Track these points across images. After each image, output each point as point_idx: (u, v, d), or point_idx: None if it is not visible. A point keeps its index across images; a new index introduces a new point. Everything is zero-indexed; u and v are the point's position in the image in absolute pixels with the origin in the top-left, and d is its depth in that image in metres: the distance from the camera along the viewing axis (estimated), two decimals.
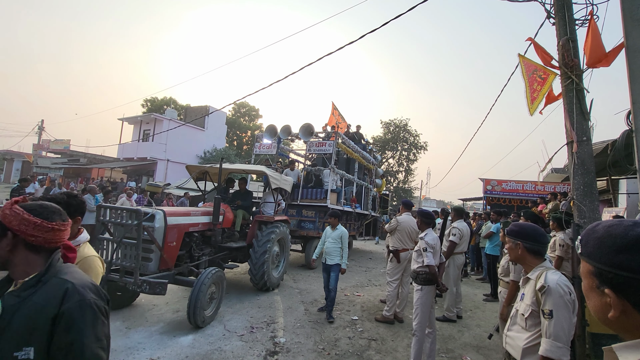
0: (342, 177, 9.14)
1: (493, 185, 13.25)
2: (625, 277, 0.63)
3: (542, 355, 1.48)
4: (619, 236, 0.66)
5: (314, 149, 8.62)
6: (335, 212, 4.72)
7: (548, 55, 4.06)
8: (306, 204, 8.08)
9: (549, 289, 1.54)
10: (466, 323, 4.85)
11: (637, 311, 0.63)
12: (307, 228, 7.98)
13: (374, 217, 11.86)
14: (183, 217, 4.48)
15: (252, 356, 3.37)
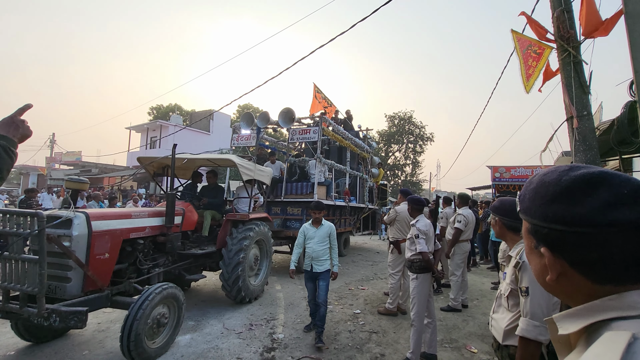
0: (331, 167, 8.24)
1: (501, 172, 12.94)
2: (559, 232, 0.52)
3: (520, 336, 1.38)
4: (551, 184, 0.55)
5: (297, 137, 7.68)
6: (319, 205, 3.75)
7: (542, 28, 3.89)
8: (291, 200, 7.18)
9: (525, 265, 1.43)
10: (471, 312, 4.72)
11: (577, 271, 0.52)
12: (294, 227, 7.06)
13: (371, 209, 10.91)
14: (119, 221, 3.43)
15: (249, 353, 3.33)
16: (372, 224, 11.75)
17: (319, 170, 7.28)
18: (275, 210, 7.29)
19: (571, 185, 0.52)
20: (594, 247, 0.50)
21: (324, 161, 7.58)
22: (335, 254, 3.78)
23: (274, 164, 7.82)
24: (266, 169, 5.72)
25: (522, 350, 1.41)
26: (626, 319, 0.47)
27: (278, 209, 7.29)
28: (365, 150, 10.21)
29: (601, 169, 0.54)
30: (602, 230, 0.49)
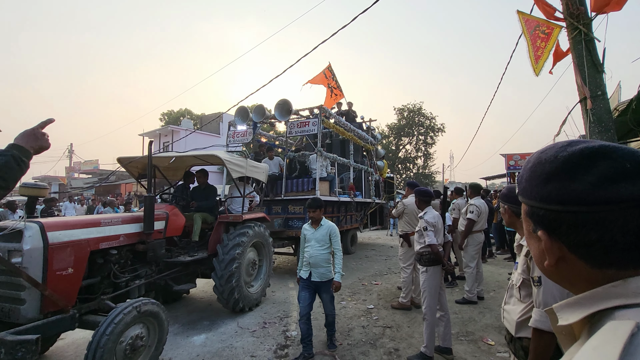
0: (333, 161, 7.76)
1: (516, 160, 12.57)
2: (555, 212, 0.48)
3: (533, 327, 1.32)
4: (548, 161, 0.50)
5: (296, 131, 7.09)
6: (315, 202, 3.29)
7: (550, 7, 3.72)
8: (292, 198, 6.74)
9: None
10: (488, 304, 4.61)
11: (576, 256, 0.48)
12: (296, 227, 6.64)
13: (378, 204, 10.48)
14: (84, 230, 2.95)
15: (263, 351, 3.35)
16: (380, 219, 11.26)
17: (320, 164, 6.83)
18: (276, 209, 6.91)
19: (567, 161, 0.48)
20: (593, 228, 0.45)
21: (325, 155, 7.13)
22: (339, 260, 3.25)
23: (273, 160, 7.33)
24: (261, 165, 5.30)
25: (536, 342, 1.35)
26: (630, 308, 0.43)
27: (279, 207, 6.90)
28: (369, 142, 9.75)
29: (603, 142, 0.48)
30: (601, 208, 0.44)
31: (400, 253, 4.72)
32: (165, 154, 4.55)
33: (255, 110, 7.28)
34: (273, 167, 7.13)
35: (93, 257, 3.07)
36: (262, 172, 5.26)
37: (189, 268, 4.25)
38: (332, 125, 7.49)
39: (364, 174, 9.35)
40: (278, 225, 6.65)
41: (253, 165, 4.96)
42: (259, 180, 5.33)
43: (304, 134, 7.19)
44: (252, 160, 5.14)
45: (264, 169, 5.36)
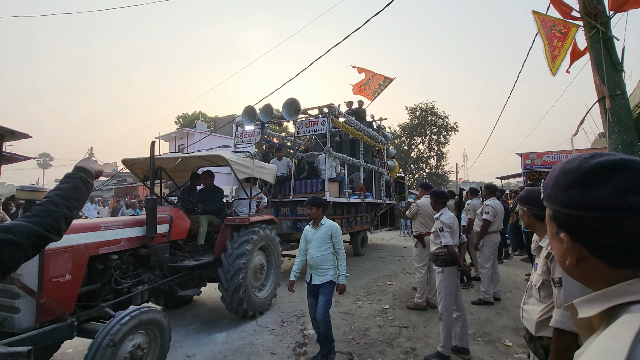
0: (343, 161, 7.54)
1: (532, 159, 12.36)
2: (576, 217, 0.54)
3: (554, 327, 1.36)
4: (571, 171, 0.57)
5: (304, 130, 6.93)
6: (314, 199, 3.20)
7: (567, 6, 3.70)
8: (301, 200, 6.47)
9: None
10: (505, 305, 4.59)
11: (595, 257, 0.54)
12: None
13: (389, 205, 10.22)
14: (83, 234, 2.83)
15: (282, 348, 3.45)
16: (391, 219, 11.03)
17: (330, 165, 6.64)
18: (285, 211, 6.74)
19: (589, 172, 0.54)
20: (610, 232, 0.51)
21: (334, 155, 6.92)
22: (342, 261, 3.09)
23: (281, 160, 7.20)
24: (268, 166, 5.14)
25: (557, 341, 1.39)
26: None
27: (287, 209, 6.72)
28: (380, 141, 9.49)
29: (624, 156, 0.55)
30: (618, 215, 0.50)
31: (415, 253, 4.75)
32: (170, 155, 4.45)
33: (263, 110, 7.06)
34: (281, 167, 7.00)
35: (93, 262, 2.93)
36: (270, 173, 5.07)
37: (194, 273, 4.11)
38: (341, 124, 7.33)
39: (374, 174, 9.18)
40: (286, 227, 6.43)
41: (260, 166, 4.80)
42: (267, 181, 5.16)
43: (312, 134, 7.02)
44: (259, 160, 5.00)
45: (272, 169, 5.19)
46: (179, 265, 3.83)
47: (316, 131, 6.81)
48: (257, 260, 4.43)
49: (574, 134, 4.18)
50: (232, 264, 3.94)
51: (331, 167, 6.76)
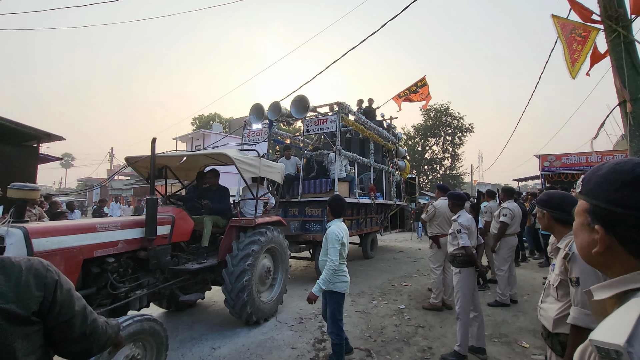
0: (353, 161, 7.33)
1: (551, 161, 12.11)
2: (620, 214, 0.62)
3: (571, 324, 1.44)
4: (624, 172, 0.64)
5: (313, 129, 6.66)
6: (331, 200, 3.08)
7: (587, 10, 3.70)
8: (309, 200, 6.40)
9: (574, 256, 1.49)
10: (522, 307, 4.59)
11: (624, 248, 0.64)
12: (314, 230, 6.31)
13: (400, 206, 9.97)
14: (77, 236, 2.66)
15: (302, 344, 3.59)
16: (401, 221, 10.64)
17: (340, 164, 6.45)
18: (293, 211, 6.59)
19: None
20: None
21: (344, 154, 6.71)
22: (326, 270, 2.81)
23: (289, 159, 7.02)
24: (276, 165, 4.89)
25: (574, 338, 1.47)
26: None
27: (295, 210, 6.57)
28: (390, 140, 9.27)
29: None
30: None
31: (430, 254, 4.81)
32: (172, 153, 4.27)
33: (271, 108, 6.85)
34: (290, 167, 6.85)
35: (87, 265, 2.77)
36: (278, 172, 4.85)
37: (197, 276, 3.96)
38: (351, 122, 7.09)
39: (384, 175, 8.97)
40: (294, 228, 6.21)
41: (267, 165, 4.56)
42: (275, 181, 4.96)
43: (322, 132, 6.69)
44: (267, 159, 4.81)
45: (280, 168, 4.94)
46: (181, 268, 3.61)
47: (326, 129, 6.52)
48: (264, 263, 4.28)
49: (594, 137, 4.17)
50: (237, 265, 3.80)
51: (341, 166, 6.56)
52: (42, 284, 0.91)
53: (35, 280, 0.90)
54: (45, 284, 0.92)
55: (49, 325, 0.92)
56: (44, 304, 0.91)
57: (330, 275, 2.76)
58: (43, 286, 0.91)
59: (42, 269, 0.94)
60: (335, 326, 2.84)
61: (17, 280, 0.87)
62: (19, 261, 0.92)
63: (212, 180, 4.64)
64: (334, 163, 6.43)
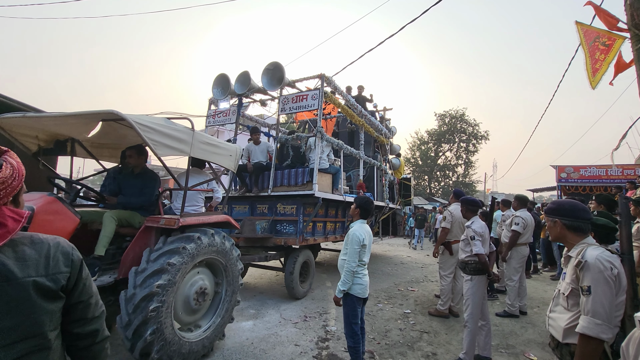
0: (338, 149, 6.14)
1: (568, 173, 11.80)
2: None
3: (580, 333, 1.42)
4: None
5: (290, 107, 5.41)
6: (356, 199, 2.94)
7: (613, 18, 3.61)
8: (282, 194, 5.10)
9: (587, 264, 1.46)
10: (531, 319, 4.49)
11: None
12: (286, 233, 5.04)
13: (392, 209, 8.66)
14: None
15: (305, 341, 3.60)
16: (393, 227, 9.38)
17: (320, 150, 5.23)
18: (262, 208, 5.34)
19: None
20: None
21: (327, 139, 5.46)
22: (344, 272, 2.70)
23: (259, 144, 5.79)
24: (224, 145, 3.55)
25: (582, 347, 1.44)
26: None
27: (265, 207, 5.31)
28: (384, 134, 8.10)
29: None
30: None
31: (441, 261, 4.75)
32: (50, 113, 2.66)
33: (238, 79, 5.61)
34: (259, 153, 5.72)
35: None
36: (228, 156, 3.57)
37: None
38: (338, 102, 5.81)
39: (376, 172, 7.77)
40: (261, 229, 4.99)
41: (208, 143, 3.20)
42: (221, 166, 3.62)
43: (300, 111, 5.48)
44: (206, 134, 3.40)
45: (232, 150, 3.64)
46: None
47: (305, 108, 5.26)
48: (195, 282, 2.98)
49: (615, 148, 4.05)
50: (140, 286, 2.51)
51: (322, 153, 5.36)
52: (70, 261, 0.96)
53: (63, 256, 0.95)
54: (72, 260, 0.97)
55: (71, 302, 0.96)
56: (70, 280, 0.95)
57: (349, 277, 2.69)
58: (70, 262, 0.96)
59: (68, 247, 0.98)
60: (348, 328, 2.76)
61: (47, 255, 0.91)
62: (47, 238, 0.96)
63: (134, 161, 3.25)
64: (314, 149, 5.19)
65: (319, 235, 5.59)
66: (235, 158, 3.75)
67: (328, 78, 5.29)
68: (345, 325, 2.81)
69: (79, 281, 0.97)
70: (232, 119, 6.16)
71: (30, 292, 0.84)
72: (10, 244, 0.87)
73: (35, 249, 0.90)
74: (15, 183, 0.90)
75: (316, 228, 5.50)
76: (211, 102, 6.41)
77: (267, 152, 5.80)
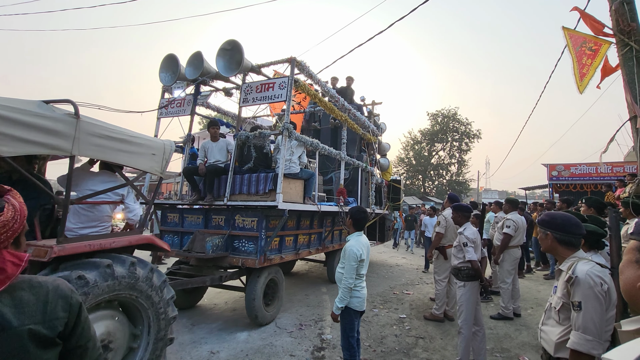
0: (312, 149, 5.06)
1: (559, 171, 11.97)
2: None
3: (571, 349, 1.42)
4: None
5: (253, 97, 4.51)
6: (350, 211, 2.88)
7: (599, 23, 3.66)
8: (240, 204, 4.28)
9: (577, 280, 1.46)
10: (525, 321, 4.53)
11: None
12: (245, 251, 4.14)
13: (379, 215, 7.75)
14: None
15: (301, 351, 3.58)
16: (381, 233, 8.43)
17: (288, 151, 4.41)
18: (217, 220, 4.45)
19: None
20: None
21: (297, 137, 4.46)
22: (341, 287, 2.65)
23: (217, 141, 4.72)
24: (146, 141, 2.73)
25: None
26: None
27: (221, 218, 4.41)
28: (371, 131, 7.19)
29: None
30: None
31: (436, 265, 4.76)
32: None
33: (189, 62, 4.60)
34: (216, 152, 4.69)
35: None
36: (147, 155, 2.72)
37: None
38: (313, 92, 4.87)
39: (361, 174, 6.77)
40: (213, 247, 4.05)
41: (107, 136, 2.39)
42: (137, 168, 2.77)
43: (266, 102, 4.60)
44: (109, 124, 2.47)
45: (155, 148, 2.77)
46: None
47: (272, 99, 4.37)
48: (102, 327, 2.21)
49: (603, 150, 4.11)
50: None
51: (291, 155, 4.51)
52: (68, 305, 0.93)
53: (62, 300, 0.92)
54: (71, 304, 0.93)
55: (69, 347, 0.93)
56: (68, 324, 0.92)
57: (346, 293, 2.64)
58: (69, 307, 0.93)
59: (67, 289, 0.95)
60: (345, 342, 2.73)
61: (45, 300, 0.89)
62: (46, 281, 0.93)
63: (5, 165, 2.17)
64: (282, 150, 4.16)
65: (288, 252, 4.76)
66: (163, 158, 2.84)
67: (300, 63, 4.43)
68: (342, 338, 2.78)
69: (77, 325, 0.94)
70: (187, 109, 5.07)
71: (25, 342, 0.82)
72: (9, 289, 0.84)
73: (33, 293, 0.88)
74: (16, 226, 0.88)
75: (284, 243, 4.63)
76: (165, 90, 5.33)
77: (226, 151, 4.76)
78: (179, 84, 4.94)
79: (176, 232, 4.76)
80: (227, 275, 4.25)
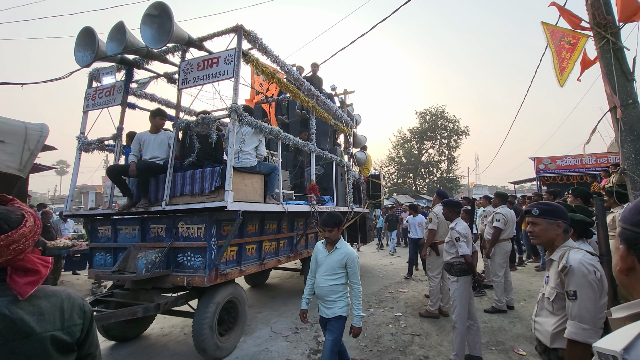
0: (275, 139, 4.26)
1: (546, 164, 12.21)
2: (637, 234, 0.70)
3: (568, 338, 1.43)
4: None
5: (195, 76, 3.63)
6: (331, 217, 2.55)
7: (576, 17, 3.74)
8: (182, 209, 3.38)
9: (571, 269, 1.47)
10: (519, 314, 4.58)
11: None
12: (191, 267, 3.35)
13: (358, 214, 6.85)
14: None
15: (297, 355, 3.54)
16: (362, 234, 7.79)
17: (239, 139, 3.74)
18: (157, 230, 3.62)
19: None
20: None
21: (250, 121, 3.57)
22: (357, 298, 2.50)
23: (158, 133, 3.96)
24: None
25: (570, 353, 1.45)
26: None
27: (161, 228, 3.60)
28: (344, 122, 6.50)
29: None
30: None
31: (428, 262, 4.79)
32: None
33: (111, 36, 3.61)
34: (156, 147, 3.91)
35: None
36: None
37: None
38: (269, 71, 3.94)
39: (335, 169, 6.07)
40: (148, 265, 3.26)
41: None
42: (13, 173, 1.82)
43: (210, 81, 3.57)
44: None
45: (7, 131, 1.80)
46: None
47: (217, 76, 3.50)
48: None
49: (586, 142, 4.18)
50: None
51: (245, 145, 3.79)
52: (82, 312, 0.95)
53: (77, 308, 0.94)
54: (85, 312, 0.95)
55: (80, 355, 0.94)
56: (83, 331, 0.94)
57: (360, 301, 2.54)
58: (83, 314, 0.95)
59: (79, 298, 0.97)
60: (334, 355, 2.45)
61: (61, 307, 0.90)
62: (57, 290, 0.94)
63: None
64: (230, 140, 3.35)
65: (251, 262, 3.96)
66: (24, 147, 1.85)
67: (249, 32, 3.59)
68: (330, 353, 2.43)
69: (89, 333, 0.96)
70: (118, 98, 4.19)
71: (48, 348, 0.84)
72: (29, 297, 0.84)
73: (50, 301, 0.89)
74: (39, 230, 0.91)
75: (244, 252, 3.83)
76: (92, 77, 4.42)
77: (167, 145, 3.90)
78: (107, 69, 4.21)
79: (109, 249, 3.91)
80: (168, 302, 3.32)
